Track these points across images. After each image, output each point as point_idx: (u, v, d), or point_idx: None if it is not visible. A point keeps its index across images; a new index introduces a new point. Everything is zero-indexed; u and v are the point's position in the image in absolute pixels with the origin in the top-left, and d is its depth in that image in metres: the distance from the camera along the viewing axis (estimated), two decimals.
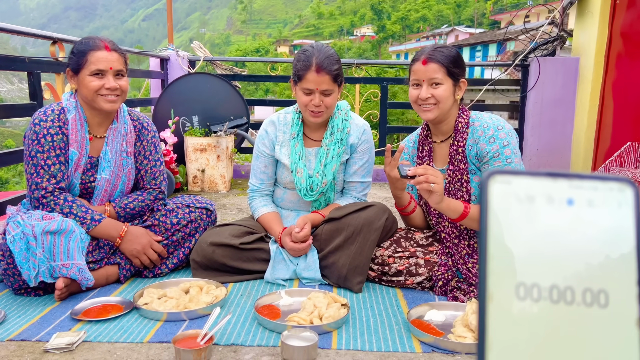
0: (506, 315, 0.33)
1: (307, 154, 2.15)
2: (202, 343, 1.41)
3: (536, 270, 0.33)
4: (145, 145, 2.13)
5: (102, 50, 1.93)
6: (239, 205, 3.40)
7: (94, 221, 1.90)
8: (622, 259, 0.33)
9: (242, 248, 2.03)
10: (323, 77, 1.95)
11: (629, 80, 3.57)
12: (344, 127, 2.11)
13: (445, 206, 1.75)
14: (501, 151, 1.80)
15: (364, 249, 1.94)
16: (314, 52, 1.97)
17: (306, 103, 2.01)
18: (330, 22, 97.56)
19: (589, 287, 0.32)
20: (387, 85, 4.42)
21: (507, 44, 14.97)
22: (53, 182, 1.89)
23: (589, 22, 3.89)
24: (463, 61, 1.89)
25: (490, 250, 0.33)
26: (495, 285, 0.33)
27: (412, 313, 1.67)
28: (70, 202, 1.90)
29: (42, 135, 1.89)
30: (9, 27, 2.54)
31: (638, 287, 0.32)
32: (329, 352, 1.48)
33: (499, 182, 0.35)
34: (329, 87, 1.97)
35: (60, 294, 1.79)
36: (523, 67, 4.29)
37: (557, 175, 0.34)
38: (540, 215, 0.34)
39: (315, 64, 1.94)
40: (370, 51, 64.73)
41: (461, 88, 1.89)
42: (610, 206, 0.33)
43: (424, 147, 2.02)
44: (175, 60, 4.42)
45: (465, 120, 1.90)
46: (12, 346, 1.49)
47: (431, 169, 1.71)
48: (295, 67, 2.01)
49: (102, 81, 1.92)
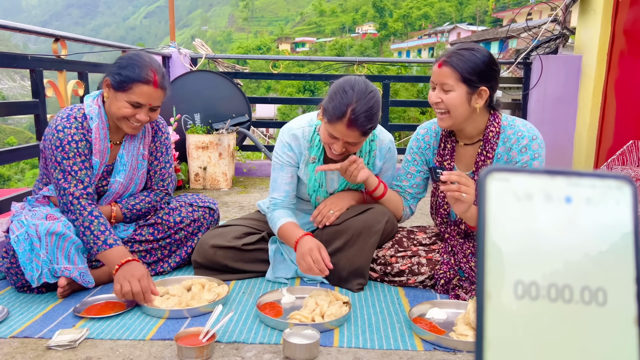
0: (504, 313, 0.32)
1: (329, 176, 2.04)
2: (204, 340, 1.41)
3: (534, 268, 0.33)
4: (158, 146, 2.12)
5: (150, 86, 1.84)
6: (240, 203, 3.40)
7: (105, 244, 1.79)
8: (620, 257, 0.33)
9: (244, 249, 2.02)
10: (353, 132, 1.73)
11: (631, 78, 3.56)
12: (371, 150, 1.99)
13: (469, 215, 1.71)
14: (530, 163, 1.76)
15: (363, 251, 1.93)
16: (352, 100, 1.71)
17: (329, 143, 1.82)
18: (332, 20, 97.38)
19: (587, 285, 0.32)
20: (389, 83, 4.42)
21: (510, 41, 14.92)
22: (80, 188, 1.85)
23: (591, 20, 3.88)
24: (490, 67, 1.73)
25: (488, 248, 0.33)
26: (493, 283, 0.33)
27: (413, 311, 1.68)
28: (93, 217, 1.82)
29: (66, 142, 1.84)
30: (12, 25, 2.54)
31: (636, 285, 0.32)
32: (331, 349, 1.48)
33: (497, 179, 0.34)
34: (356, 140, 1.77)
35: (63, 291, 1.79)
36: (525, 65, 4.28)
37: (555, 173, 0.34)
38: (538, 213, 0.34)
39: (349, 117, 1.70)
40: (372, 49, 64.61)
41: (482, 96, 1.74)
42: (608, 204, 0.33)
43: (445, 145, 1.92)
44: (177, 57, 4.42)
45: (496, 128, 1.80)
46: (15, 343, 1.50)
47: (465, 177, 1.65)
48: (328, 105, 1.75)
49: (136, 111, 1.86)
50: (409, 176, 2.05)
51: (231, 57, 4.75)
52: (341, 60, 4.94)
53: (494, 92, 1.80)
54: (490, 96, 1.78)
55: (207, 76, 4.02)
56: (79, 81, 3.03)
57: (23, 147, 2.55)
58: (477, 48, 1.76)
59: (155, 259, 2.07)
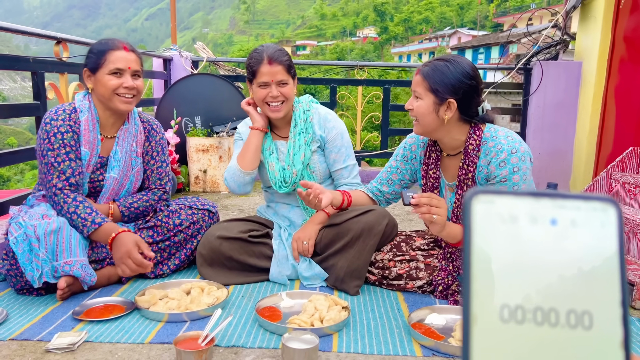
0: (490, 337, 0.32)
1: (279, 147, 2.17)
2: (203, 344, 1.41)
3: (520, 291, 0.33)
4: (153, 146, 2.16)
5: (121, 50, 1.96)
6: (240, 207, 3.40)
7: (94, 224, 1.86)
8: (606, 280, 0.32)
9: (250, 241, 2.05)
10: (276, 67, 1.99)
11: (631, 85, 3.56)
12: (307, 117, 2.13)
13: (445, 234, 1.72)
14: (509, 177, 1.73)
15: (362, 253, 1.94)
16: (264, 49, 2.04)
17: (264, 97, 2.02)
18: (332, 23, 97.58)
19: (573, 308, 0.32)
20: (390, 87, 4.42)
21: (510, 47, 14.95)
22: (63, 179, 1.90)
23: (592, 26, 3.89)
24: (460, 81, 1.72)
25: (474, 271, 0.33)
26: (479, 306, 0.33)
27: (412, 316, 1.68)
28: (77, 202, 1.89)
29: (52, 134, 1.90)
30: (14, 27, 2.54)
31: (622, 308, 0.32)
32: (330, 354, 1.48)
33: (482, 201, 0.34)
34: (284, 77, 2.01)
35: (62, 293, 1.80)
36: (525, 71, 4.29)
37: (541, 195, 0.34)
38: (524, 236, 0.33)
39: (266, 56, 2.00)
40: (372, 53, 64.71)
41: (450, 108, 1.74)
42: (593, 226, 0.33)
43: (430, 155, 1.94)
44: (178, 60, 4.43)
45: (476, 142, 1.78)
46: (13, 345, 1.50)
47: (435, 199, 1.65)
48: (249, 65, 2.05)
49: (121, 80, 1.94)
50: (389, 182, 2.10)
51: (232, 60, 4.75)
52: (342, 64, 4.95)
53: (472, 105, 1.77)
54: (462, 108, 1.75)
55: (208, 79, 4.03)
56: (80, 83, 3.04)
57: (23, 149, 2.56)
58: (454, 60, 1.76)
59: (155, 262, 2.06)
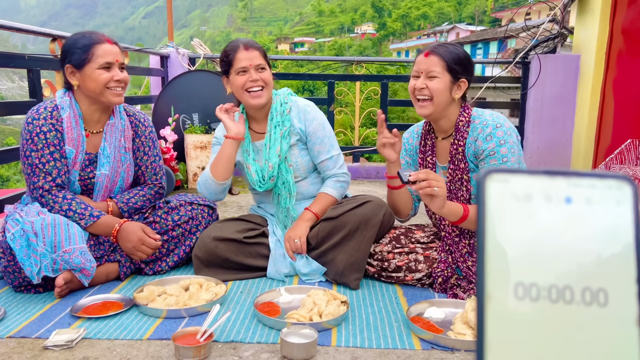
0: (505, 315, 0.32)
1: (257, 148, 2.15)
2: (202, 340, 1.41)
3: (534, 270, 0.33)
4: (143, 141, 2.14)
5: (106, 43, 1.95)
6: (239, 203, 3.40)
7: (92, 217, 1.89)
8: (621, 257, 0.32)
9: (246, 242, 2.04)
10: (253, 52, 2.03)
11: (629, 78, 3.56)
12: (283, 110, 2.11)
13: (446, 210, 1.72)
14: (497, 149, 1.78)
15: (361, 245, 1.94)
16: (238, 39, 2.09)
17: (243, 83, 2.02)
18: (331, 20, 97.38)
19: (588, 286, 0.32)
20: (388, 82, 4.41)
21: (508, 41, 14.94)
22: (49, 180, 1.89)
23: (589, 20, 3.88)
24: (469, 62, 1.87)
25: (488, 250, 0.33)
26: (493, 285, 0.33)
27: (411, 310, 1.68)
28: (69, 200, 1.89)
29: (35, 134, 1.89)
30: (9, 25, 2.53)
31: (637, 285, 0.32)
32: (329, 349, 1.48)
33: (496, 180, 0.34)
34: (261, 61, 2.04)
35: (60, 291, 1.79)
36: (524, 65, 4.28)
37: (555, 173, 0.34)
38: (538, 214, 0.33)
39: (242, 44, 2.04)
40: (371, 49, 64.63)
41: (461, 87, 1.86)
42: (608, 204, 0.33)
43: (426, 142, 2.00)
44: (175, 57, 4.42)
45: (466, 118, 1.88)
46: (11, 343, 1.50)
47: (432, 173, 1.67)
48: (225, 55, 2.06)
49: (111, 74, 1.94)
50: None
51: None
52: (340, 60, 4.94)
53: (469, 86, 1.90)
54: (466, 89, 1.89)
55: (206, 76, 4.02)
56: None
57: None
58: (457, 45, 1.92)
59: (153, 258, 2.06)
